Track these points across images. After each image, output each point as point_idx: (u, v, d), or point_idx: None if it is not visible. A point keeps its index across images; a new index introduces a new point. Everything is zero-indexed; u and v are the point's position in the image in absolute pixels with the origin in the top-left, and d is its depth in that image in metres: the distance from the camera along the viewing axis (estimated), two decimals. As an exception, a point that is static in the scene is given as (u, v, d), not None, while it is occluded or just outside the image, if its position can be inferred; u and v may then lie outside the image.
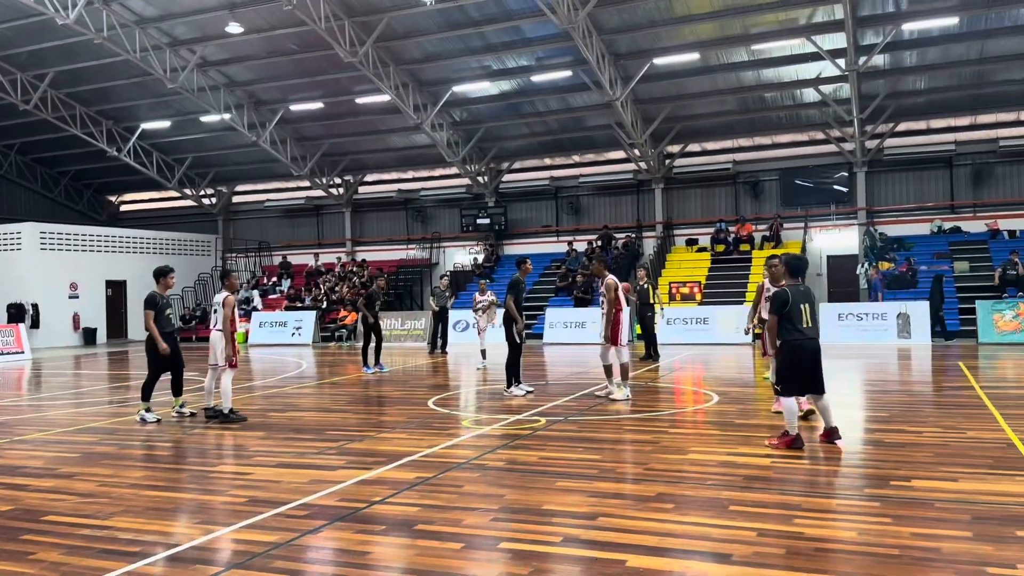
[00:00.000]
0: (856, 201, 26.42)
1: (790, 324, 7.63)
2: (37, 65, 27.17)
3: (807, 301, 7.73)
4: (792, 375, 7.67)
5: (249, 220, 35.69)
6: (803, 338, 7.62)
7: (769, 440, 7.91)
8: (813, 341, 7.71)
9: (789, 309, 7.60)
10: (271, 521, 5.73)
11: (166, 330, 10.46)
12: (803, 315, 7.65)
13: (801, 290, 7.76)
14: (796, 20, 21.85)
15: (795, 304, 7.62)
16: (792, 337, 7.63)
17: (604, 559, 4.77)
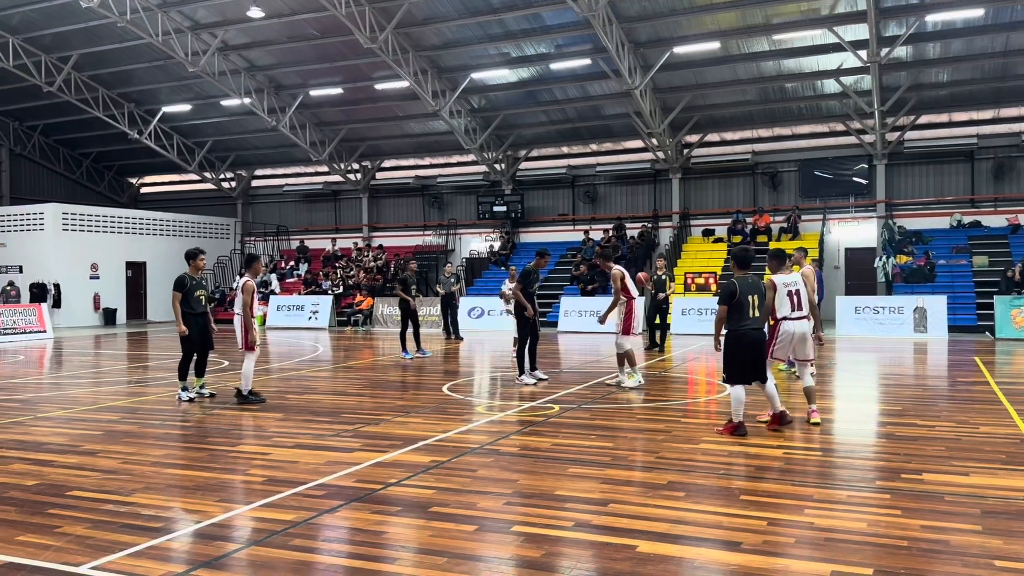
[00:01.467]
0: (875, 194, 26.25)
1: (737, 315, 7.95)
2: (61, 47, 27.41)
3: (755, 292, 8.04)
4: (734, 364, 7.99)
5: (268, 204, 35.92)
6: (747, 328, 7.94)
7: (716, 429, 8.17)
8: (757, 331, 8.04)
9: (737, 300, 7.92)
10: (289, 500, 5.86)
11: (196, 311, 10.58)
12: (749, 307, 7.96)
13: (749, 281, 8.08)
14: (818, 10, 21.66)
15: (743, 295, 7.94)
16: (736, 327, 7.96)
17: (615, 544, 4.85)
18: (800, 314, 8.47)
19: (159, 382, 12.99)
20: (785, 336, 8.44)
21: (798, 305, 8.46)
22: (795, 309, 8.44)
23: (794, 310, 8.43)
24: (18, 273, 27.89)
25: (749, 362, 7.95)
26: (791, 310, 8.43)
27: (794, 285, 8.50)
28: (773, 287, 8.45)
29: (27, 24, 26.08)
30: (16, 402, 10.90)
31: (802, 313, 8.49)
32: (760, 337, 8.10)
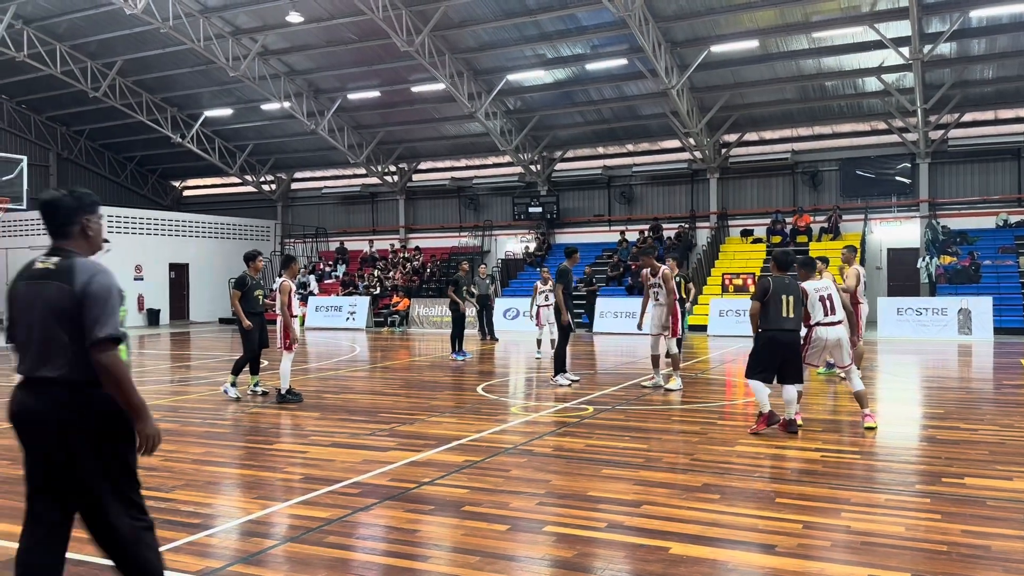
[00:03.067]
0: (918, 193, 25.76)
1: (771, 313, 7.98)
2: (106, 54, 28.05)
3: (789, 293, 8.06)
4: (757, 362, 8.05)
5: (307, 206, 36.35)
6: (781, 329, 8.01)
7: (750, 429, 8.14)
8: (791, 333, 8.09)
9: (769, 298, 7.96)
10: (324, 498, 5.93)
11: (255, 311, 10.89)
12: (783, 306, 7.99)
13: (785, 282, 8.13)
14: (859, 7, 21.34)
15: (775, 294, 8.01)
16: (769, 327, 8.01)
17: (648, 546, 4.84)
18: (834, 319, 8.35)
19: (201, 381, 13.23)
20: (818, 342, 8.36)
21: (831, 310, 8.36)
22: (828, 314, 8.33)
23: (827, 315, 8.33)
24: (65, 274, 28.57)
25: (775, 363, 7.98)
26: (824, 315, 8.33)
27: (825, 290, 8.42)
28: (804, 294, 8.39)
29: (73, 31, 26.74)
30: (63, 400, 11.16)
31: (835, 318, 8.37)
32: (794, 339, 8.07)
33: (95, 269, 3.38)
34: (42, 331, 3.35)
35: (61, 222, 3.47)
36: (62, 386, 3.32)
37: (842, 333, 8.42)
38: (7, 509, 5.76)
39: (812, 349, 8.39)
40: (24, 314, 3.43)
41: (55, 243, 3.48)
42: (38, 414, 3.34)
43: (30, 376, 3.40)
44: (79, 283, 3.31)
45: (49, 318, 3.33)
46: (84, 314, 3.28)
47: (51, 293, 3.34)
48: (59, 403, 3.32)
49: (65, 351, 3.32)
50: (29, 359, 3.41)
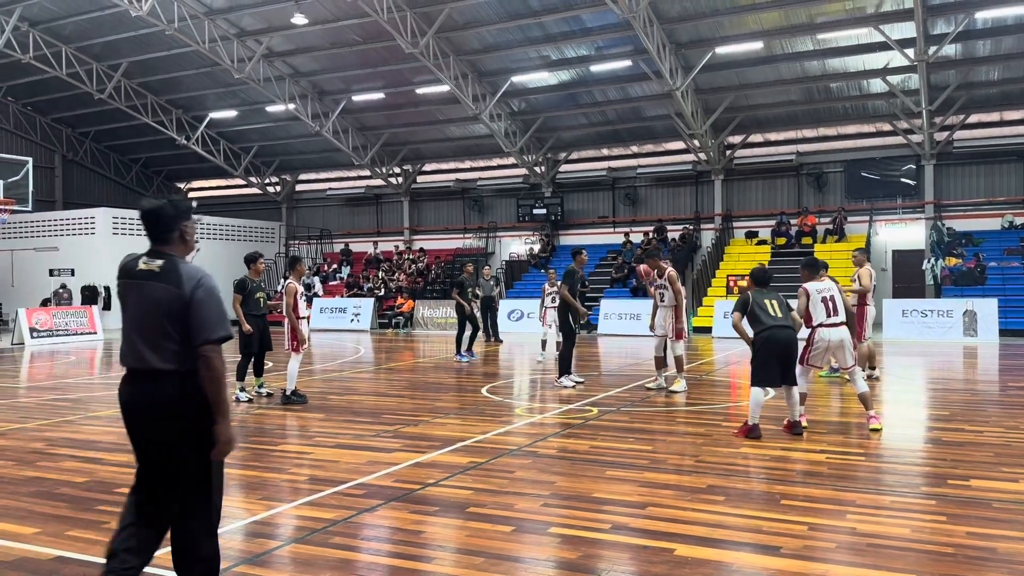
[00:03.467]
0: (923, 194, 25.71)
1: (759, 318, 8.01)
2: (112, 55, 28.13)
3: (771, 299, 8.16)
4: (762, 365, 7.97)
5: (311, 208, 36.41)
6: (774, 327, 7.96)
7: (732, 432, 8.19)
8: (787, 330, 8.02)
9: (752, 306, 8.07)
10: (330, 499, 5.94)
11: (255, 313, 10.88)
12: (768, 309, 8.07)
13: (765, 292, 8.25)
14: (864, 9, 21.31)
15: (757, 301, 8.10)
16: (762, 329, 7.98)
17: (653, 547, 4.83)
18: (836, 320, 8.36)
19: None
20: (820, 343, 8.35)
21: (833, 311, 8.36)
22: (831, 315, 8.34)
23: (829, 316, 8.34)
24: (70, 276, 28.61)
25: (777, 363, 7.93)
26: (826, 316, 8.34)
27: (828, 291, 8.43)
28: (806, 294, 8.41)
29: (79, 33, 26.83)
30: (67, 401, 11.21)
31: (838, 319, 8.37)
32: (791, 337, 8.05)
33: (200, 274, 3.73)
34: (149, 327, 3.68)
35: (163, 229, 3.79)
36: (167, 376, 3.65)
37: (844, 334, 8.40)
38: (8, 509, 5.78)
39: (814, 351, 8.38)
40: (131, 310, 3.77)
41: (155, 247, 3.79)
42: (145, 401, 3.68)
43: (137, 368, 3.72)
44: (187, 287, 3.64)
45: (157, 316, 3.65)
46: (192, 315, 3.63)
47: (159, 294, 3.66)
48: (164, 392, 3.65)
49: (170, 346, 3.65)
50: (136, 352, 3.72)
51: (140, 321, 3.72)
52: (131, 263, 3.80)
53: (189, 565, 3.77)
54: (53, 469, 7.01)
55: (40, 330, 22.32)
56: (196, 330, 3.63)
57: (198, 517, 3.75)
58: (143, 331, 3.70)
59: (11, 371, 16.12)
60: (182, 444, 3.67)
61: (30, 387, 13.31)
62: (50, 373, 15.50)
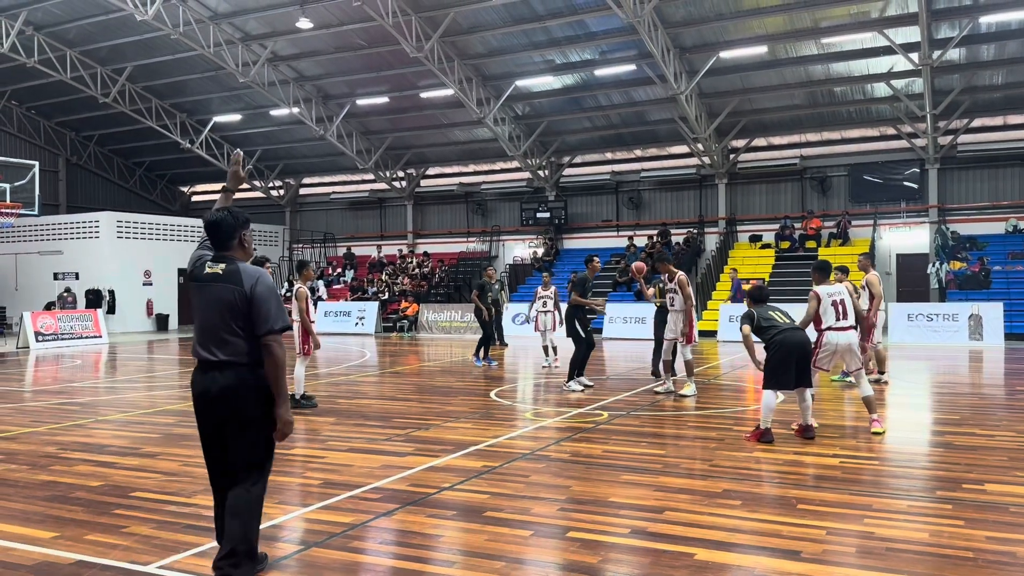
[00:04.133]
0: (927, 198, 25.73)
1: (768, 328, 8.09)
2: (116, 60, 28.19)
3: (775, 310, 8.35)
4: (777, 368, 7.96)
5: (315, 212, 36.44)
6: (786, 329, 8.03)
7: (744, 436, 8.16)
8: (799, 332, 8.10)
9: (758, 320, 8.17)
10: (346, 503, 5.94)
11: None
12: (774, 318, 8.19)
13: (767, 305, 8.40)
14: (868, 13, 21.35)
15: (762, 315, 8.22)
16: (776, 332, 8.03)
17: (672, 552, 4.84)
18: (845, 324, 8.40)
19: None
20: (829, 346, 8.39)
21: (843, 315, 8.41)
22: (840, 319, 8.39)
23: (839, 319, 8.38)
24: (74, 280, 28.64)
25: (794, 365, 7.95)
26: (836, 319, 8.38)
27: (838, 295, 8.46)
28: (816, 298, 8.45)
29: (84, 37, 26.88)
30: (76, 405, 11.22)
31: (847, 323, 8.42)
32: (804, 339, 8.09)
33: (258, 274, 4.24)
34: (217, 323, 4.17)
35: (225, 237, 4.33)
36: (235, 367, 4.15)
37: (853, 338, 8.44)
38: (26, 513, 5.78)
39: (823, 353, 8.41)
40: (201, 309, 4.24)
41: (218, 252, 4.33)
42: (216, 389, 4.14)
43: (208, 359, 4.19)
44: (248, 285, 4.16)
45: (224, 313, 4.16)
46: (253, 310, 4.14)
47: (225, 294, 4.16)
48: (232, 380, 4.13)
49: (235, 340, 4.15)
50: (206, 345, 4.20)
51: (209, 319, 4.20)
52: (199, 267, 4.30)
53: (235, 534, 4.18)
54: (67, 473, 7.01)
55: (45, 334, 22.34)
56: (258, 322, 4.14)
57: (254, 493, 4.23)
58: (212, 327, 4.18)
59: (18, 375, 16.13)
60: (248, 426, 4.17)
61: (38, 391, 13.32)
62: (57, 377, 15.50)
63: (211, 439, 4.30)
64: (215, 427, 4.24)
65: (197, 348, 4.25)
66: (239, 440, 4.20)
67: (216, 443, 4.28)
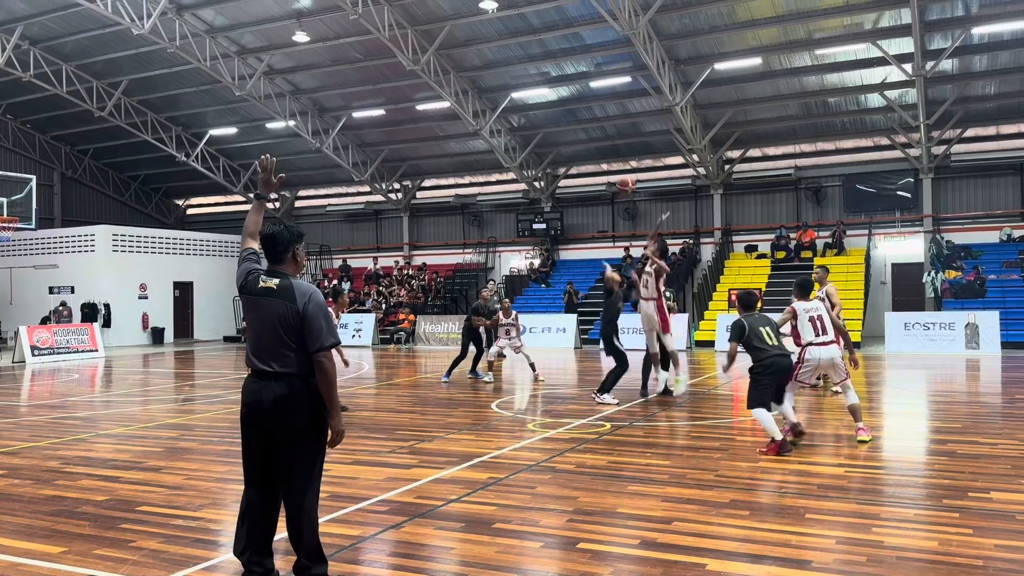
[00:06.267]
0: (922, 208, 25.85)
1: (757, 347, 8.15)
2: (112, 73, 28.19)
3: (765, 325, 8.32)
4: (758, 392, 8.13)
5: (311, 224, 36.35)
6: (776, 355, 8.16)
7: (759, 449, 8.10)
8: (787, 358, 8.29)
9: (748, 336, 8.18)
10: (354, 516, 5.93)
11: None
12: (765, 337, 8.21)
13: (756, 317, 8.42)
14: (862, 25, 21.51)
15: (753, 329, 8.21)
16: (765, 356, 8.13)
17: (684, 562, 4.84)
18: (826, 338, 8.52)
19: (212, 400, 13.22)
20: (812, 361, 8.49)
21: (822, 330, 8.54)
22: (819, 334, 8.51)
23: (819, 335, 8.51)
24: (70, 293, 28.58)
25: (775, 387, 8.19)
26: (815, 335, 8.50)
27: (815, 311, 8.58)
28: (793, 313, 8.57)
29: (80, 51, 26.88)
30: (76, 419, 11.17)
31: (828, 338, 8.53)
32: (790, 364, 8.29)
33: (311, 290, 4.36)
34: (271, 336, 4.29)
35: (280, 250, 4.42)
36: (287, 378, 4.27)
37: (835, 352, 8.55)
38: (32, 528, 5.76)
39: (805, 368, 8.53)
40: (255, 322, 4.36)
41: (272, 266, 4.44)
42: (270, 400, 4.26)
43: (261, 370, 4.31)
44: (301, 303, 4.28)
45: (277, 327, 4.28)
46: (305, 327, 4.26)
47: (278, 308, 4.29)
48: (285, 390, 4.25)
49: (288, 353, 4.27)
50: (259, 357, 4.32)
51: (262, 332, 4.32)
52: (252, 281, 4.40)
53: (302, 535, 4.35)
54: (72, 488, 6.98)
55: (41, 348, 22.24)
56: (310, 339, 4.27)
57: (308, 498, 4.35)
58: (265, 340, 4.31)
59: (15, 389, 16.05)
60: (301, 435, 4.29)
61: (36, 405, 13.25)
62: (54, 391, 15.43)
63: (257, 446, 4.39)
64: (264, 436, 4.35)
65: (251, 358, 4.36)
66: (290, 449, 4.31)
67: (262, 451, 4.37)
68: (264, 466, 4.41)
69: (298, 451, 4.31)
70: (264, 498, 4.43)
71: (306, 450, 4.33)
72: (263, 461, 4.40)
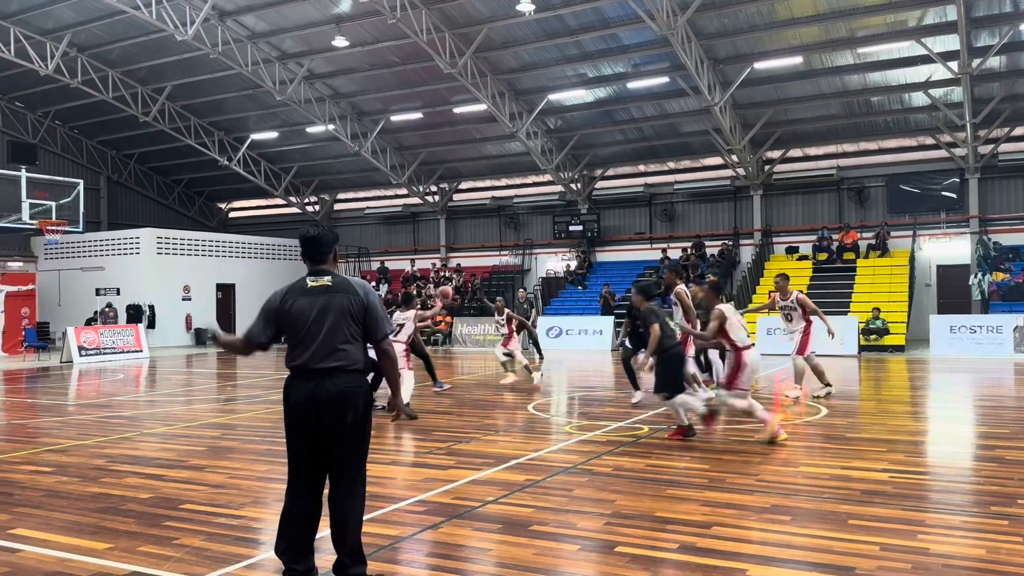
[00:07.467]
0: (968, 208, 25.29)
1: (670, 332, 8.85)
2: (156, 79, 28.76)
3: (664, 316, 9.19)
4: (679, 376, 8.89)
5: (350, 227, 36.73)
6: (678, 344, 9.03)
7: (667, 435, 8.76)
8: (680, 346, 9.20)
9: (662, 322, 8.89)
10: (391, 516, 5.97)
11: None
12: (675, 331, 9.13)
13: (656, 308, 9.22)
14: (905, 22, 21.13)
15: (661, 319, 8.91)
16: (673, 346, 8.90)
17: (724, 568, 4.78)
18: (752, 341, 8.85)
19: (254, 400, 13.40)
20: (752, 364, 8.62)
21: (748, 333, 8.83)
22: (749, 336, 8.79)
23: (748, 337, 8.76)
24: (115, 295, 29.19)
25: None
26: (747, 337, 8.71)
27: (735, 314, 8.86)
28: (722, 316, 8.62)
29: (125, 58, 27.47)
30: (122, 419, 11.40)
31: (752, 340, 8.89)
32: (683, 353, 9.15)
33: (365, 283, 4.58)
34: (331, 331, 4.38)
35: (324, 251, 4.56)
36: (347, 373, 4.40)
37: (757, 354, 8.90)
38: (79, 524, 5.88)
39: (744, 373, 8.54)
40: (314, 320, 4.39)
41: (314, 266, 4.54)
42: (327, 395, 4.33)
43: (313, 367, 4.37)
44: (362, 294, 4.48)
45: (341, 320, 4.40)
46: (369, 317, 4.46)
47: (343, 302, 4.42)
48: (345, 385, 4.37)
49: (349, 346, 4.41)
50: (311, 353, 4.38)
51: (320, 329, 4.38)
52: (301, 284, 4.51)
53: (347, 535, 4.44)
54: (117, 485, 7.13)
55: (88, 348, 22.75)
56: (374, 328, 4.49)
57: (355, 493, 4.47)
58: (326, 336, 4.38)
59: (63, 389, 16.44)
60: (355, 429, 4.41)
61: (84, 404, 13.56)
62: (101, 390, 15.77)
63: (305, 447, 4.44)
64: (311, 436, 4.40)
65: (302, 357, 4.39)
66: (345, 444, 4.40)
67: (310, 452, 4.44)
68: (311, 467, 4.48)
69: (348, 450, 4.41)
70: (311, 499, 4.50)
71: (355, 449, 4.44)
72: (310, 462, 4.47)
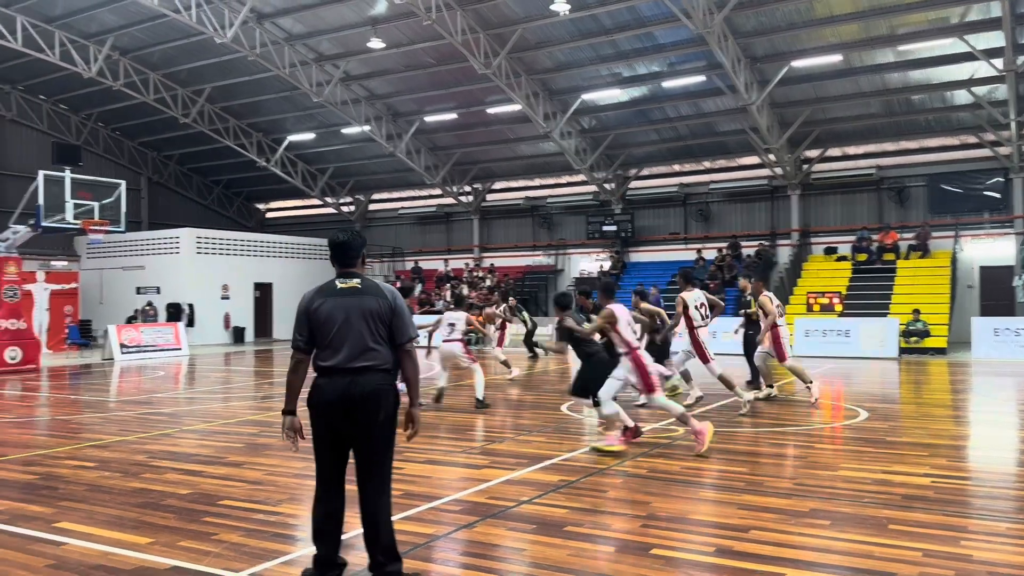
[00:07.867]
0: (1013, 208, 24.72)
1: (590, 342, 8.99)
2: (196, 81, 29.21)
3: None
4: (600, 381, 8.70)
5: (384, 227, 36.99)
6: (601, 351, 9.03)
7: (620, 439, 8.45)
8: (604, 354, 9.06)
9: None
10: (427, 514, 6.00)
11: None
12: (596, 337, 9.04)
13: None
14: (947, 19, 20.73)
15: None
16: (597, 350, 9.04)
17: (761, 572, 4.73)
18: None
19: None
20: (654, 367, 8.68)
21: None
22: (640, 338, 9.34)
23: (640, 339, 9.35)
24: (156, 294, 29.68)
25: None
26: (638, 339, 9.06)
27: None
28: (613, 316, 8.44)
29: (166, 60, 27.94)
30: (162, 415, 11.59)
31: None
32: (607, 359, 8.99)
33: (391, 287, 4.67)
34: (361, 332, 4.46)
35: (353, 255, 4.65)
36: (376, 372, 4.47)
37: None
38: (122, 519, 5.99)
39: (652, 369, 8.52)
40: (343, 320, 4.46)
41: (343, 269, 4.62)
42: (357, 394, 4.40)
43: (345, 366, 4.44)
44: (390, 297, 4.55)
45: (370, 322, 4.48)
46: (395, 320, 4.52)
47: (372, 304, 4.50)
48: (375, 384, 4.44)
49: (378, 346, 4.49)
50: (343, 353, 4.44)
51: (350, 330, 4.45)
52: (330, 286, 4.57)
53: (379, 533, 4.49)
54: (158, 481, 7.25)
55: (129, 346, 23.17)
56: (401, 331, 4.55)
57: (384, 490, 4.57)
58: (356, 336, 4.45)
59: (105, 385, 16.76)
60: (382, 431, 4.49)
61: (125, 401, 13.81)
62: (142, 388, 16.06)
63: (333, 445, 4.52)
64: (347, 430, 4.46)
65: (336, 358, 4.45)
66: (376, 442, 4.49)
67: (338, 450, 4.52)
68: (339, 465, 4.57)
69: (378, 447, 4.50)
70: (340, 498, 4.59)
71: (384, 447, 4.53)
72: (338, 460, 4.56)
